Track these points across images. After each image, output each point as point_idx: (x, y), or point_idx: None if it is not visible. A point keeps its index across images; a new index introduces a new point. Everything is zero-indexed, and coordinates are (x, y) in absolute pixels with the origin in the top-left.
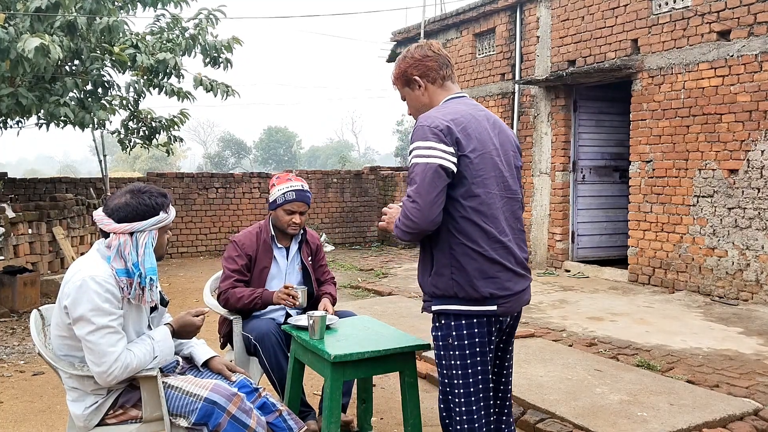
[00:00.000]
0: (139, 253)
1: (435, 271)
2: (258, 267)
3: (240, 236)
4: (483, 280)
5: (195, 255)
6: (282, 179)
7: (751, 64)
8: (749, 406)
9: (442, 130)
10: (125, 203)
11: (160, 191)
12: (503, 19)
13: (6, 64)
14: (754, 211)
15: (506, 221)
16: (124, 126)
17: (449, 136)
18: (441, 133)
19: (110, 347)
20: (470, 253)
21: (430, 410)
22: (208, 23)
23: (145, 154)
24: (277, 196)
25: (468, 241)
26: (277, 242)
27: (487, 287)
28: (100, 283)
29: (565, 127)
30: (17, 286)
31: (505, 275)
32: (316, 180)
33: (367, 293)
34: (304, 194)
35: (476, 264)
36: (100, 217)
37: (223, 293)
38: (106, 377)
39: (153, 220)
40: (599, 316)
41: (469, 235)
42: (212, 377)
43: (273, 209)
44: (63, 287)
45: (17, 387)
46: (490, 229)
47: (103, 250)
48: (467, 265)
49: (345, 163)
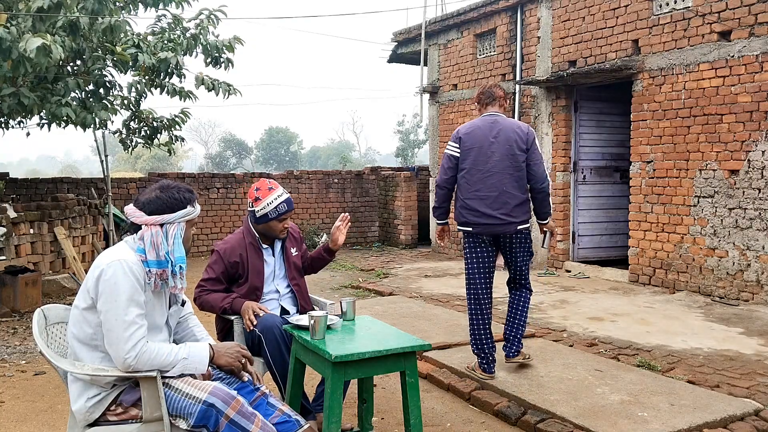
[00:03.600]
0: (170, 243)
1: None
2: (252, 273)
3: (222, 244)
4: (464, 212)
5: (196, 255)
6: (264, 191)
7: (752, 64)
8: (750, 406)
9: (455, 135)
10: (156, 197)
11: (187, 187)
12: (504, 19)
13: (8, 64)
14: (754, 211)
15: (488, 185)
16: (125, 126)
17: (457, 138)
18: (454, 137)
19: (125, 331)
20: (460, 198)
21: (431, 410)
22: (209, 23)
23: (147, 154)
24: (268, 210)
25: (460, 192)
26: (262, 243)
27: (464, 217)
28: (130, 266)
29: (565, 128)
30: (19, 286)
31: (473, 213)
32: (317, 180)
33: (368, 293)
34: (291, 201)
35: (461, 204)
36: (131, 211)
37: (196, 299)
38: (123, 361)
39: (181, 212)
40: (600, 316)
41: (461, 189)
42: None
43: (264, 223)
44: (92, 270)
45: (19, 387)
46: (468, 187)
47: (131, 243)
48: (458, 204)
49: (346, 164)
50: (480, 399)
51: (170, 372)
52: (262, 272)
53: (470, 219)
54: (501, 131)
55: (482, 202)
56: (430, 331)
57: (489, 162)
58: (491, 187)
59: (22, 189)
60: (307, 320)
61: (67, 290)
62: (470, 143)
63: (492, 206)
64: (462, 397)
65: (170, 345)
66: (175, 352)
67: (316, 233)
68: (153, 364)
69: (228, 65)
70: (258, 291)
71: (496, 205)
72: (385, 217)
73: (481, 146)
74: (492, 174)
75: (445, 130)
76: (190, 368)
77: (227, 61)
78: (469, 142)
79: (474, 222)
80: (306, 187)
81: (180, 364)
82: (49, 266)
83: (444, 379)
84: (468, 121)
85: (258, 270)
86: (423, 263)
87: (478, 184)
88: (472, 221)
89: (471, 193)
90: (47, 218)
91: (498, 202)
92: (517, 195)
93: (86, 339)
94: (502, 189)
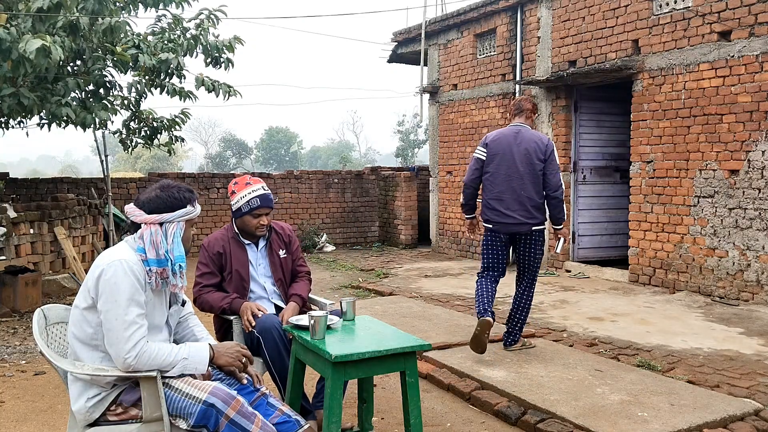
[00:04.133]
0: (169, 242)
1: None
2: (235, 263)
3: (207, 239)
4: (486, 210)
5: (196, 255)
6: (241, 185)
7: (752, 64)
8: (750, 406)
9: (483, 141)
10: (155, 196)
11: (187, 187)
12: (504, 19)
13: (8, 65)
14: (754, 211)
15: (507, 188)
16: (125, 126)
17: (484, 144)
18: (482, 142)
19: (126, 331)
20: (484, 198)
21: (431, 410)
22: (209, 23)
23: (147, 154)
24: (241, 204)
25: (484, 193)
26: (244, 239)
27: (486, 215)
28: (131, 266)
29: (565, 128)
30: (19, 286)
31: (494, 212)
32: (317, 180)
33: (368, 293)
34: (267, 198)
35: (484, 203)
36: (131, 210)
37: (196, 300)
38: (123, 361)
39: (181, 212)
40: (600, 316)
41: (485, 190)
42: (222, 378)
43: (239, 217)
44: (92, 270)
45: (19, 387)
46: (491, 188)
47: (132, 243)
48: (483, 203)
49: (346, 164)
50: (480, 399)
51: (170, 372)
52: (246, 263)
53: (491, 217)
54: (522, 141)
55: (502, 203)
56: (430, 331)
57: (510, 168)
58: (511, 190)
59: (22, 189)
60: (307, 320)
61: (67, 290)
62: (495, 149)
63: (510, 207)
64: (462, 397)
65: (170, 345)
66: (175, 352)
67: (316, 233)
68: (153, 364)
69: (228, 65)
70: (245, 283)
71: (514, 206)
72: (385, 217)
73: (504, 153)
74: (512, 178)
75: (445, 130)
76: (190, 368)
77: (227, 62)
78: (495, 148)
79: (494, 220)
80: (306, 187)
81: (180, 364)
82: (49, 266)
83: (444, 379)
84: (468, 120)
85: (242, 261)
86: (423, 263)
87: (499, 187)
88: (492, 219)
89: (493, 194)
90: (47, 218)
91: (516, 203)
92: (533, 199)
93: (87, 339)
94: (520, 192)
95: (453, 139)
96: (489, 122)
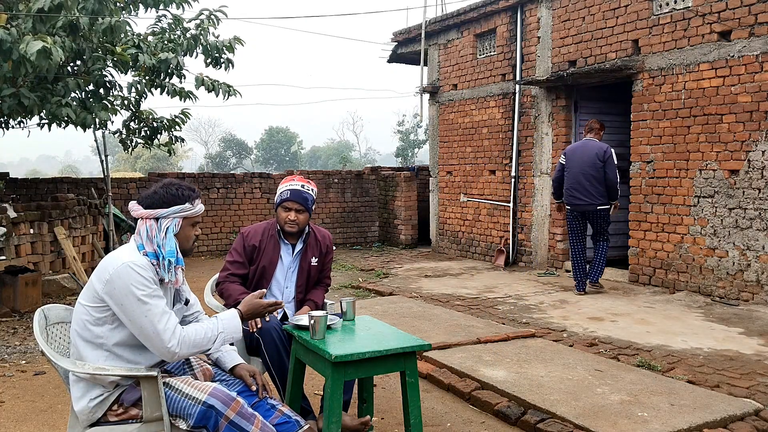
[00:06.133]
0: (161, 236)
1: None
2: (265, 259)
3: (248, 228)
4: (566, 196)
5: (196, 255)
6: (285, 180)
7: (752, 64)
8: (750, 406)
9: (563, 152)
10: (154, 192)
11: (190, 186)
12: (504, 19)
13: (8, 65)
14: (754, 211)
15: (578, 182)
16: (125, 126)
17: (564, 153)
18: (563, 153)
19: (159, 324)
20: (564, 188)
21: (431, 410)
22: (209, 23)
23: (147, 154)
24: (277, 196)
25: (564, 184)
26: (284, 238)
27: (566, 199)
28: (139, 265)
29: (565, 128)
30: (19, 286)
31: (570, 197)
32: (317, 180)
33: (368, 293)
34: (299, 193)
35: (565, 191)
36: (132, 205)
37: (220, 284)
38: (168, 351)
39: (176, 207)
40: (600, 316)
41: (565, 183)
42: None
43: (276, 210)
44: (100, 274)
45: (19, 386)
46: (568, 181)
47: (134, 242)
48: (564, 191)
49: (346, 164)
50: (480, 399)
51: (212, 348)
52: (275, 263)
53: (569, 201)
54: (589, 150)
55: (575, 191)
56: (430, 331)
57: (581, 168)
58: (581, 182)
59: (22, 189)
60: (307, 320)
61: (67, 290)
62: (571, 156)
63: (581, 193)
64: (462, 397)
65: (201, 324)
66: (211, 328)
67: None
68: (195, 345)
69: (228, 66)
70: (266, 282)
71: (583, 193)
72: (385, 217)
73: (576, 158)
74: (582, 174)
75: (445, 130)
76: (228, 339)
77: (227, 62)
78: (571, 155)
79: (571, 203)
80: None
81: (219, 339)
82: (49, 266)
83: (444, 379)
84: (468, 120)
85: (272, 261)
86: (423, 263)
87: (573, 180)
88: (570, 202)
89: (569, 185)
90: (47, 218)
91: (584, 191)
92: (596, 187)
93: (91, 338)
94: (587, 183)
95: (453, 139)
96: (489, 122)
